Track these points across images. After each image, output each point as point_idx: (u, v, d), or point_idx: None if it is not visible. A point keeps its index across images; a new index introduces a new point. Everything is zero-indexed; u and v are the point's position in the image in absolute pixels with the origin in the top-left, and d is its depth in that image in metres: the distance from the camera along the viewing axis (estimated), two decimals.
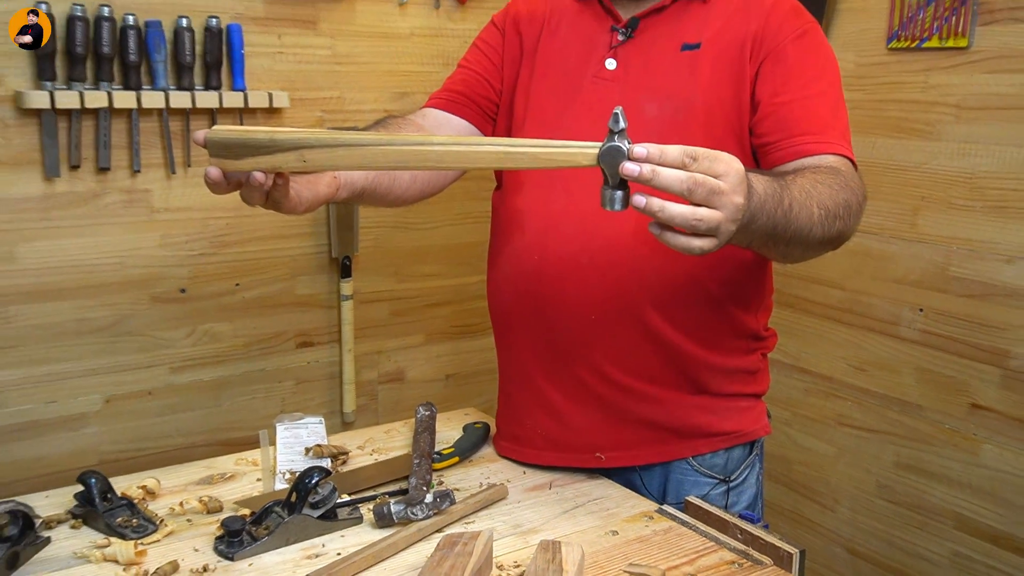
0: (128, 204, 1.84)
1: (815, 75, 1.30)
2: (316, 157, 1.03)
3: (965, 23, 1.73)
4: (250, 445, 1.48)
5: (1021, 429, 1.74)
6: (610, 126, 0.96)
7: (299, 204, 1.13)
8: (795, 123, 1.27)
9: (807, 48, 1.31)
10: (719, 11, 1.34)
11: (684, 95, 1.30)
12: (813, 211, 1.13)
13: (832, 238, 1.19)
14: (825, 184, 1.17)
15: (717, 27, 1.32)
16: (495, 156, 1.05)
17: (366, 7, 2.03)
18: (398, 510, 1.23)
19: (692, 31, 1.33)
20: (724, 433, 1.40)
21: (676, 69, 1.32)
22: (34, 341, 1.80)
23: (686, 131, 1.30)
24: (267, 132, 1.04)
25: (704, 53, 1.31)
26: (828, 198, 1.16)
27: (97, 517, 1.22)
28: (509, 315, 1.44)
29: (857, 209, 1.22)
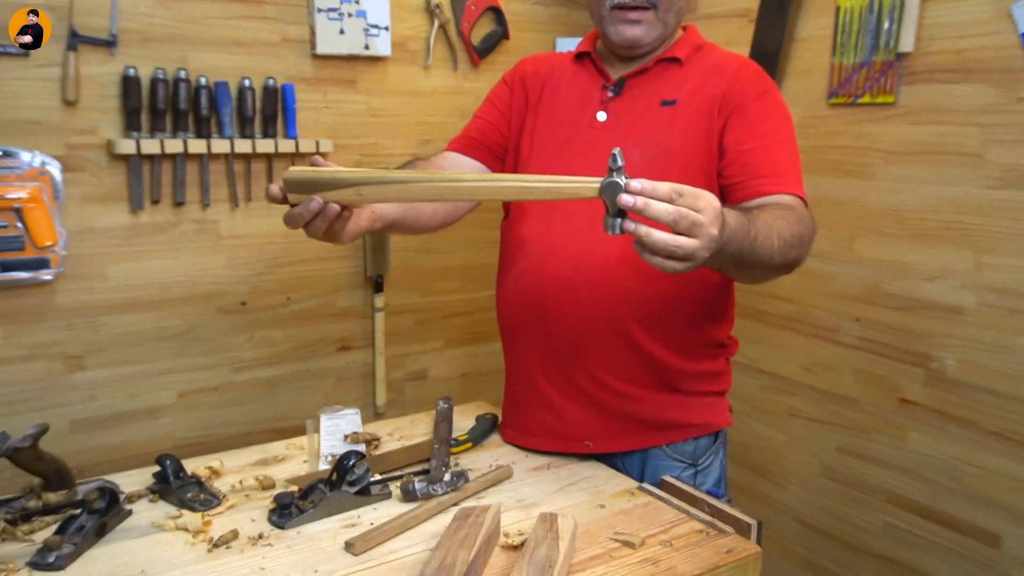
0: (199, 232, 1.85)
1: (774, 127, 1.30)
2: (370, 192, 1.05)
3: (892, 83, 1.74)
4: (298, 432, 1.48)
5: (941, 420, 1.73)
6: (610, 164, 0.97)
7: (346, 235, 1.15)
8: (757, 167, 1.27)
9: (767, 105, 1.31)
10: (693, 72, 1.34)
11: (664, 143, 1.31)
12: (773, 241, 1.13)
13: (788, 264, 1.19)
14: (783, 219, 1.18)
15: (691, 86, 1.33)
16: (516, 189, 1.06)
17: (397, 69, 2.04)
18: (421, 487, 1.23)
19: (670, 89, 1.34)
20: (693, 425, 1.40)
21: (657, 121, 1.32)
22: (120, 346, 1.80)
23: (665, 174, 1.29)
24: (331, 172, 1.06)
25: (681, 109, 1.31)
26: (786, 230, 1.16)
27: (171, 493, 1.22)
28: (514, 326, 1.44)
29: (808, 240, 1.22)
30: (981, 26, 1.59)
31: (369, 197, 1.06)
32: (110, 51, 1.68)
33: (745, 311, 2.10)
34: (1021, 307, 1.58)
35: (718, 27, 2.07)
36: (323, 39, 1.89)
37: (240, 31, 1.82)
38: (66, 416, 1.76)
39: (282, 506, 1.17)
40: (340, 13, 1.90)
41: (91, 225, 1.72)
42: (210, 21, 1.78)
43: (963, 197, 1.65)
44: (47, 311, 1.71)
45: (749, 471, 2.17)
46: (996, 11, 1.56)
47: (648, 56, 1.36)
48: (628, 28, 1.31)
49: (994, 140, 1.59)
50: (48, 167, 1.65)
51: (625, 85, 1.36)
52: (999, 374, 1.63)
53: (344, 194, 1.06)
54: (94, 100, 1.68)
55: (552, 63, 1.47)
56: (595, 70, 1.40)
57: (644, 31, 1.31)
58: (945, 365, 1.72)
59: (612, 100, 1.36)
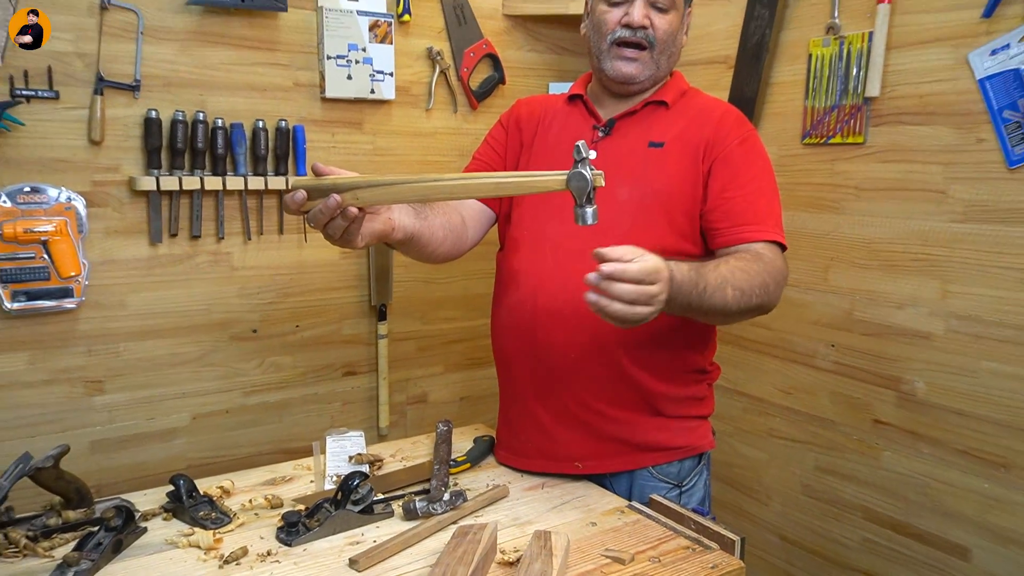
0: (214, 264, 1.85)
1: (755, 174, 1.32)
2: (365, 195, 1.08)
3: (861, 125, 1.76)
4: (306, 453, 1.47)
5: (913, 439, 1.73)
6: (574, 155, 0.98)
7: (361, 237, 1.14)
8: (738, 214, 1.29)
9: (748, 152, 1.33)
10: (678, 115, 1.36)
11: (651, 184, 1.31)
12: (727, 292, 1.16)
13: (752, 309, 1.22)
14: (746, 271, 1.20)
15: (677, 131, 1.34)
16: (491, 186, 1.08)
17: (400, 112, 2.06)
18: (422, 506, 1.22)
19: (657, 132, 1.35)
20: (677, 447, 1.39)
21: (644, 162, 1.33)
22: (139, 371, 1.79)
23: (650, 212, 1.30)
24: (331, 179, 1.09)
25: (667, 151, 1.32)
26: (745, 282, 1.19)
27: (184, 511, 1.21)
28: (508, 352, 1.43)
29: (775, 287, 1.24)
30: (941, 73, 1.61)
31: (364, 199, 1.08)
32: (134, 95, 1.69)
33: (727, 337, 2.10)
34: (985, 333, 1.59)
35: (700, 73, 2.10)
36: (332, 84, 1.91)
37: (255, 76, 1.83)
38: (86, 437, 1.75)
39: (289, 524, 1.16)
40: (348, 60, 1.92)
41: (113, 257, 1.72)
42: (228, 67, 1.80)
43: (929, 230, 1.66)
44: (70, 337, 1.71)
45: (733, 489, 2.16)
46: (955, 59, 1.58)
47: (637, 98, 1.38)
48: (625, 64, 1.33)
49: (956, 178, 1.61)
50: (74, 202, 1.65)
51: (615, 126, 1.37)
52: (966, 396, 1.63)
53: (343, 198, 1.08)
54: (118, 140, 1.69)
55: (546, 104, 1.48)
56: (587, 111, 1.42)
57: (639, 69, 1.34)
58: (915, 388, 1.72)
59: (602, 140, 1.37)
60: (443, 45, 2.09)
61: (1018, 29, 1.48)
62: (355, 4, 1.91)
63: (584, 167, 0.97)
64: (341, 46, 1.90)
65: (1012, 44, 1.49)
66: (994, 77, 1.52)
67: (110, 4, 1.64)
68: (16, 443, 1.66)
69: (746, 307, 1.20)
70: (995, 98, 1.52)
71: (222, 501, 1.28)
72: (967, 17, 1.56)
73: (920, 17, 1.64)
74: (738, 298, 1.18)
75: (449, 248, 1.40)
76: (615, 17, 1.32)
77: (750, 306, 1.20)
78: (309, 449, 1.40)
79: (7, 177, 1.59)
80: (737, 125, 1.34)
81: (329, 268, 2.01)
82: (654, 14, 1.32)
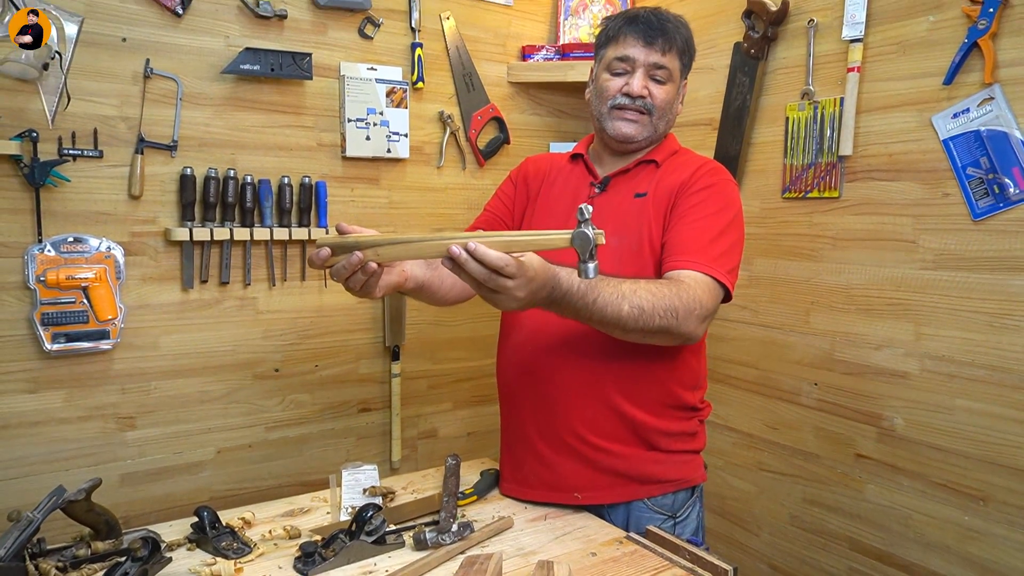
0: (240, 308, 1.85)
1: (708, 212, 1.29)
2: (385, 252, 1.08)
3: (836, 180, 1.77)
4: (323, 486, 1.45)
5: (893, 473, 1.70)
6: (578, 217, 1.00)
7: (379, 289, 1.16)
8: (676, 244, 1.27)
9: (710, 193, 1.31)
10: (665, 170, 1.37)
11: (636, 232, 1.32)
12: (623, 307, 1.14)
13: (655, 331, 1.17)
14: (650, 292, 1.16)
15: (659, 181, 1.35)
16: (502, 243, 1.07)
17: (414, 169, 2.08)
18: (431, 537, 1.19)
19: (644, 184, 1.36)
20: (671, 480, 1.37)
21: (631, 213, 1.34)
22: (168, 408, 1.78)
23: (639, 257, 1.31)
24: (354, 238, 1.10)
25: (648, 200, 1.34)
26: (647, 301, 1.15)
27: (207, 542, 1.19)
28: (511, 389, 1.43)
29: (686, 315, 1.18)
30: (908, 134, 1.63)
31: (384, 256, 1.09)
32: (171, 154, 1.72)
33: (717, 376, 2.09)
34: (958, 372, 1.57)
35: (688, 134, 2.13)
36: (352, 144, 1.94)
37: (282, 137, 1.86)
38: (117, 471, 1.73)
39: (307, 554, 1.13)
40: (367, 123, 1.95)
41: (147, 301, 1.73)
42: (257, 129, 1.83)
43: (901, 277, 1.66)
44: (105, 377, 1.70)
45: (724, 520, 2.11)
46: (920, 122, 1.60)
47: (633, 156, 1.40)
48: (624, 125, 1.35)
49: (925, 229, 1.61)
50: (113, 251, 1.67)
51: (609, 183, 1.39)
52: (942, 431, 1.61)
53: (364, 254, 1.09)
54: (155, 194, 1.71)
55: (551, 162, 1.50)
56: (586, 169, 1.44)
57: (637, 130, 1.35)
58: (894, 424, 1.69)
59: (598, 196, 1.39)
60: (453, 109, 2.13)
61: (977, 95, 1.50)
62: (374, 73, 1.95)
63: (587, 227, 0.98)
64: (360, 110, 1.94)
65: (971, 108, 1.51)
66: (957, 138, 1.54)
67: (153, 73, 1.68)
68: (51, 476, 1.64)
69: (647, 326, 1.16)
70: (959, 156, 1.54)
71: (243, 532, 1.25)
72: (929, 84, 1.58)
73: (886, 84, 1.66)
74: (636, 316, 1.14)
75: (457, 293, 1.41)
76: (616, 86, 1.35)
77: (651, 326, 1.16)
78: (326, 482, 1.38)
79: (53, 228, 1.61)
80: (709, 174, 1.34)
81: (347, 312, 2.01)
82: (652, 85, 1.34)
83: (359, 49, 1.95)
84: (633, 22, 1.33)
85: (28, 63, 1.51)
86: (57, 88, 1.57)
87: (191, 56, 1.72)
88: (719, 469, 2.11)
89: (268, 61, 1.77)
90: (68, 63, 1.58)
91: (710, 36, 2.05)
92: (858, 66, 1.69)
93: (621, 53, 1.34)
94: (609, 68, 1.36)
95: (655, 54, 1.32)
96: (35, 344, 1.61)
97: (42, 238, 1.59)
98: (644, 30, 1.32)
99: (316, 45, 1.88)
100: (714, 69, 2.05)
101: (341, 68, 1.92)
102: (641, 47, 1.32)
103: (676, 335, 1.20)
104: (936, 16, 1.57)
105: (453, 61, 2.11)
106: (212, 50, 1.75)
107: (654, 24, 1.32)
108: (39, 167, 1.55)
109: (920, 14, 1.60)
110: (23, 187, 1.57)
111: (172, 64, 1.70)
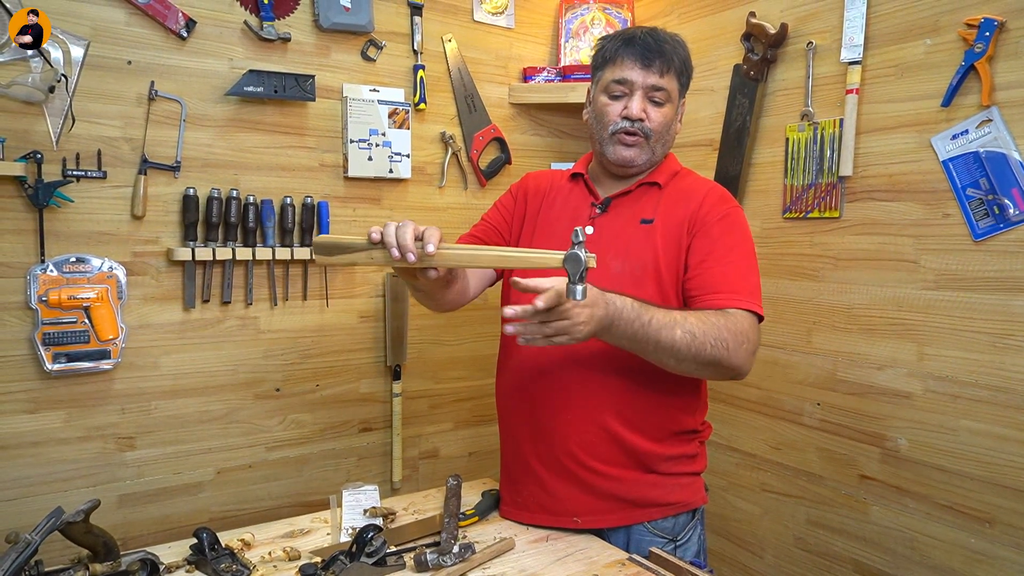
0: (242, 327, 1.86)
1: (731, 246, 1.30)
2: (376, 255, 1.13)
3: (836, 200, 1.78)
4: (323, 506, 1.44)
5: (898, 494, 1.69)
6: (572, 238, 1.02)
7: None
8: (712, 284, 1.27)
9: (727, 227, 1.32)
10: (669, 194, 1.37)
11: (641, 257, 1.32)
12: (676, 332, 1.14)
13: (708, 362, 1.17)
14: (702, 320, 1.17)
15: (666, 208, 1.35)
16: (492, 258, 1.10)
17: (415, 189, 2.10)
18: (432, 558, 1.18)
19: (648, 209, 1.36)
20: (671, 503, 1.36)
21: (636, 237, 1.34)
22: (168, 427, 1.78)
23: (642, 282, 1.30)
24: (350, 238, 1.15)
25: (656, 227, 1.33)
26: (698, 328, 1.16)
27: (206, 564, 1.18)
28: (510, 412, 1.42)
29: (736, 347, 1.18)
30: (908, 155, 1.64)
31: (377, 260, 1.13)
32: (174, 174, 1.73)
33: (719, 396, 2.08)
34: (961, 393, 1.57)
35: (688, 154, 2.14)
36: (354, 165, 1.96)
37: (284, 158, 1.88)
38: (116, 491, 1.72)
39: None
40: (369, 143, 1.97)
41: (149, 321, 1.73)
42: (260, 150, 1.85)
43: (903, 297, 1.66)
44: (105, 396, 1.70)
45: (728, 541, 2.10)
46: (919, 143, 1.62)
47: (633, 179, 1.40)
48: (624, 150, 1.35)
49: (926, 249, 1.62)
50: (115, 271, 1.67)
51: (611, 204, 1.39)
52: (946, 453, 1.60)
53: (359, 256, 1.13)
54: (158, 215, 1.72)
55: (552, 180, 1.50)
56: (586, 189, 1.43)
57: (636, 153, 1.35)
58: (898, 445, 1.69)
59: (599, 216, 1.39)
60: (455, 130, 2.15)
61: (975, 116, 1.52)
62: (376, 94, 1.97)
63: (580, 249, 1.00)
64: (363, 131, 1.96)
65: (970, 130, 1.52)
66: (956, 159, 1.55)
67: (157, 95, 1.70)
68: (49, 497, 1.64)
69: (699, 355, 1.16)
70: (959, 177, 1.55)
71: (243, 553, 1.24)
72: (928, 106, 1.60)
73: (885, 106, 1.68)
74: (689, 342, 1.14)
75: (453, 298, 1.39)
76: (616, 110, 1.34)
77: (704, 356, 1.16)
78: (326, 502, 1.37)
79: (55, 249, 1.61)
80: (719, 202, 1.34)
81: (348, 331, 2.01)
82: (651, 107, 1.33)
83: (362, 71, 1.97)
84: (630, 44, 1.33)
85: (34, 86, 1.53)
86: (62, 110, 1.59)
87: (195, 78, 1.74)
88: (722, 490, 2.10)
89: (271, 83, 1.79)
90: (74, 86, 1.60)
91: (710, 58, 2.07)
92: (857, 88, 1.71)
93: (619, 76, 1.33)
94: (607, 91, 1.35)
95: (653, 76, 1.32)
96: (36, 364, 1.61)
97: (45, 258, 1.59)
98: (642, 52, 1.31)
99: (319, 67, 1.90)
100: (714, 91, 2.07)
101: (344, 89, 1.94)
102: (639, 69, 1.32)
103: (727, 367, 1.19)
104: (933, 39, 1.59)
105: (455, 82, 2.13)
106: (216, 72, 1.77)
107: (651, 46, 1.32)
108: (43, 188, 1.56)
109: (917, 37, 1.62)
110: (27, 208, 1.58)
111: (176, 86, 1.72)
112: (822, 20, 1.80)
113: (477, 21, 2.16)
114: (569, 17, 2.29)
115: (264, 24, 1.80)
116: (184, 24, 1.71)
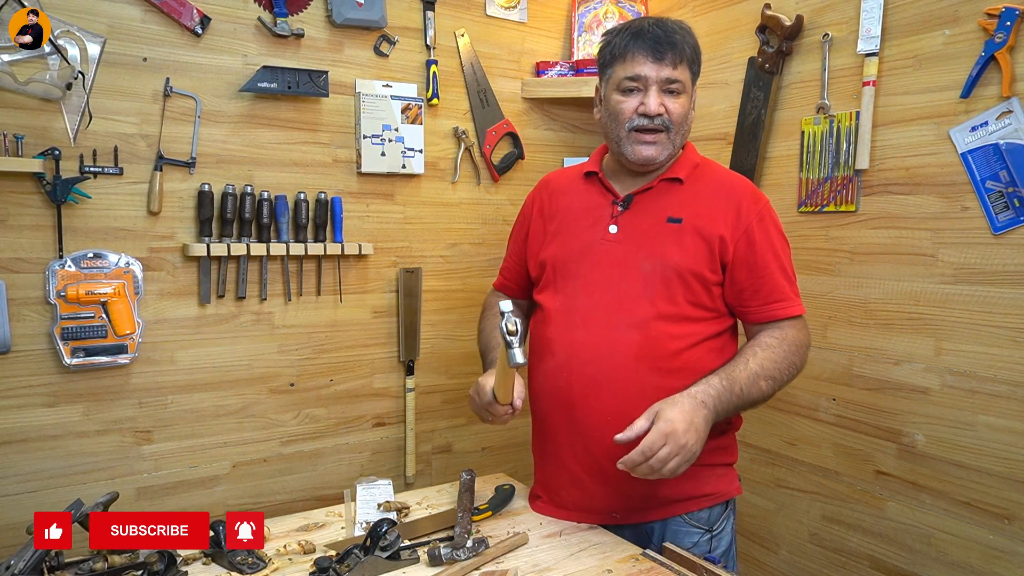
0: (256, 323, 1.87)
1: (775, 251, 1.33)
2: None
3: (852, 194, 1.76)
4: (338, 500, 1.45)
5: (915, 490, 1.67)
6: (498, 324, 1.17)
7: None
8: (767, 294, 1.33)
9: (766, 228, 1.33)
10: (695, 191, 1.35)
11: (671, 258, 1.30)
12: (761, 385, 1.27)
13: (784, 384, 1.32)
14: (772, 357, 1.29)
15: (694, 208, 1.33)
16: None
17: (428, 184, 2.10)
18: (446, 552, 1.19)
19: (675, 207, 1.34)
20: (707, 495, 1.36)
21: (664, 237, 1.32)
22: (184, 422, 1.80)
23: (671, 284, 1.29)
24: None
25: (686, 227, 1.31)
26: (774, 368, 1.28)
27: (222, 556, 1.19)
28: (546, 414, 1.41)
29: (801, 361, 1.33)
30: (926, 147, 1.62)
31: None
32: (189, 171, 1.75)
33: None
34: (980, 388, 1.55)
35: (703, 148, 2.11)
36: (367, 160, 1.96)
37: (298, 154, 1.89)
38: (134, 484, 1.74)
39: (321, 569, 1.13)
40: (382, 139, 1.97)
41: (165, 316, 1.75)
42: (274, 146, 1.86)
43: (920, 291, 1.65)
44: (122, 391, 1.72)
45: (743, 537, 2.09)
46: (937, 135, 1.60)
47: (654, 174, 1.37)
48: (644, 148, 1.32)
49: (944, 242, 1.60)
50: (132, 267, 1.69)
51: (633, 201, 1.36)
52: (964, 448, 1.58)
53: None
54: (174, 211, 1.74)
55: (568, 178, 1.48)
56: (603, 188, 1.40)
57: (658, 151, 1.32)
58: (915, 440, 1.67)
59: (622, 215, 1.36)
60: (468, 125, 2.15)
61: (995, 108, 1.49)
62: (389, 90, 1.98)
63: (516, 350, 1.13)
64: (376, 127, 1.96)
65: (990, 121, 1.50)
66: (975, 151, 1.53)
67: (172, 92, 1.71)
68: (68, 490, 1.66)
69: (782, 386, 1.32)
70: (978, 170, 1.53)
71: None
72: (946, 98, 1.58)
73: (903, 98, 1.66)
74: (772, 386, 1.28)
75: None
76: (631, 106, 1.31)
77: (783, 384, 1.31)
78: (341, 496, 1.38)
79: (73, 244, 1.63)
80: (752, 202, 1.33)
81: (362, 326, 2.02)
82: (667, 99, 1.30)
83: (374, 66, 1.98)
84: (639, 37, 1.29)
85: (52, 83, 1.54)
86: (79, 107, 1.60)
87: (210, 75, 1.75)
88: None
89: (285, 79, 1.80)
90: (90, 83, 1.61)
91: (724, 51, 2.06)
92: (874, 80, 1.69)
93: (631, 72, 1.30)
94: (620, 88, 1.32)
95: (666, 68, 1.29)
96: (55, 359, 1.63)
97: (63, 254, 1.61)
98: (652, 45, 1.28)
99: (332, 63, 1.91)
100: (728, 84, 2.05)
101: (357, 85, 1.94)
102: (651, 63, 1.28)
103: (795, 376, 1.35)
104: (952, 30, 1.57)
105: (468, 77, 2.13)
106: (230, 68, 1.78)
107: (661, 38, 1.28)
108: (61, 184, 1.58)
109: (936, 28, 1.59)
110: (45, 204, 1.60)
111: (191, 83, 1.73)
112: (838, 11, 1.78)
113: (490, 15, 2.16)
114: (582, 11, 2.28)
115: (278, 20, 1.81)
116: (199, 21, 1.72)
